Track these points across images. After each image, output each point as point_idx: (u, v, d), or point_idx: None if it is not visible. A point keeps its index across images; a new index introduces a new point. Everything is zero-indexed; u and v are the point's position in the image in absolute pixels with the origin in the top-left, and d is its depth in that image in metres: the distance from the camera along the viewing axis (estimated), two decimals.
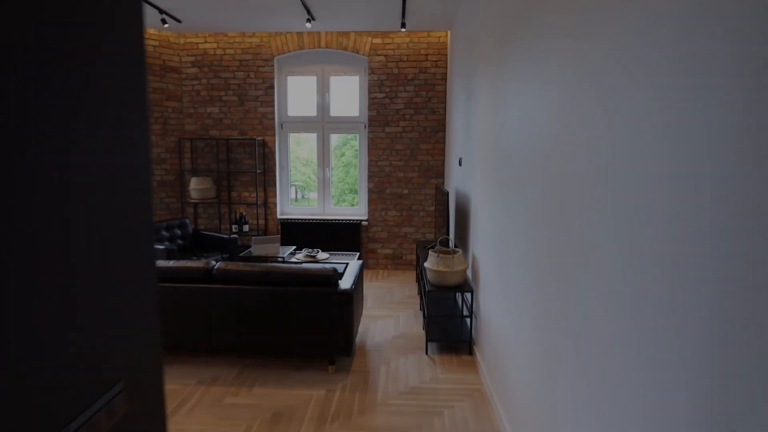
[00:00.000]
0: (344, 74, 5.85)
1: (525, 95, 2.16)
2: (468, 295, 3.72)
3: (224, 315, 3.15)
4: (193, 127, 5.93)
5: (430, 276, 3.47)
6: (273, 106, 5.81)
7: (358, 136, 5.95)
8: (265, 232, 6.00)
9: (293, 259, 4.68)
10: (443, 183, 5.76)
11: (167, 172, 5.85)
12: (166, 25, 4.98)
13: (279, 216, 5.99)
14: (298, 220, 5.88)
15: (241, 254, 4.76)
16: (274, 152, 5.88)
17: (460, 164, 4.39)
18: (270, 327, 3.13)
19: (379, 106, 5.71)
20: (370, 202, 5.88)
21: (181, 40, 5.77)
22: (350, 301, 3.07)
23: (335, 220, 5.86)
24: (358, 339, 3.77)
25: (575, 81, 1.54)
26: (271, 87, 5.78)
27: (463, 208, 4.12)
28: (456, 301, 4.07)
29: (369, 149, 5.81)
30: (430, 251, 3.52)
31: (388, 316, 4.30)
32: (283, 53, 5.71)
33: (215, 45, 5.75)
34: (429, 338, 3.47)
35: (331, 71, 5.84)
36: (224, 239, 5.07)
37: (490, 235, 2.98)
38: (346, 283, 3.20)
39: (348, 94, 5.92)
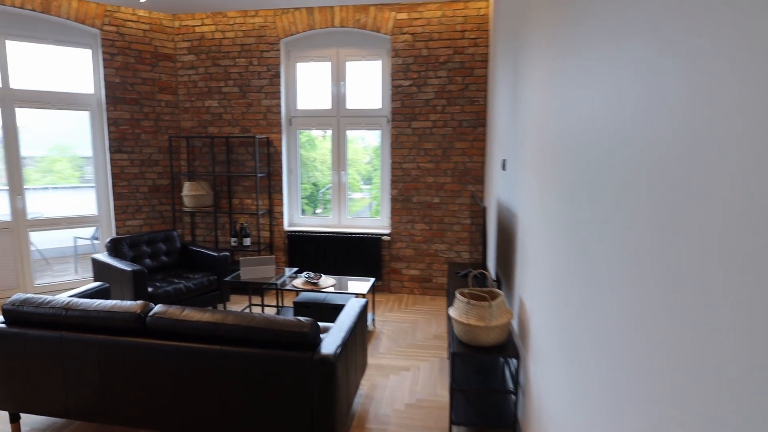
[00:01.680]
0: (363, 58, 4.86)
1: (626, 68, 1.08)
2: (513, 361, 2.63)
3: (160, 381, 2.24)
4: (189, 124, 5.13)
5: (457, 330, 2.41)
6: (279, 98, 4.91)
7: (380, 132, 4.95)
8: (270, 248, 5.11)
9: (290, 286, 3.74)
10: (483, 191, 4.65)
11: (160, 176, 5.08)
12: (142, 0, 4.17)
13: (286, 228, 5.08)
14: (309, 233, 4.95)
15: (228, 278, 3.87)
16: (281, 152, 4.97)
17: (503, 168, 3.30)
18: (221, 403, 2.18)
19: (405, 96, 4.68)
20: (394, 212, 4.86)
21: (176, 24, 4.98)
22: (332, 373, 2.07)
23: (352, 234, 4.88)
24: (358, 405, 2.76)
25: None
26: (277, 75, 4.88)
27: (508, 229, 3.02)
28: (494, 368, 2.97)
29: (392, 148, 4.79)
30: (457, 294, 2.46)
31: (404, 367, 3.26)
32: (291, 35, 4.79)
33: (213, 28, 4.92)
34: (454, 420, 2.41)
35: (348, 55, 4.86)
36: (213, 257, 4.21)
37: (547, 275, 1.89)
38: (330, 343, 2.20)
39: (367, 83, 4.93)
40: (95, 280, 4.03)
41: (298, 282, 3.79)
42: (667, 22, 0.90)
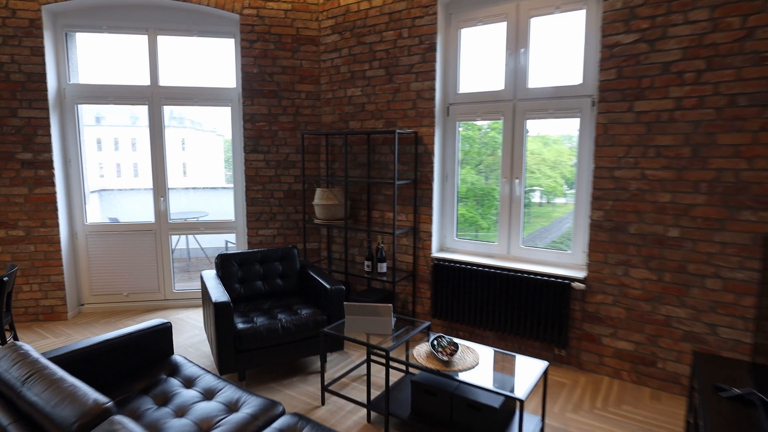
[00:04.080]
0: (556, 9, 3.21)
1: None
2: None
3: None
4: (330, 118, 4.28)
5: None
6: (434, 79, 3.63)
7: (578, 120, 3.22)
8: (413, 278, 3.89)
9: (408, 355, 2.43)
10: None
11: (297, 179, 4.36)
12: None
13: (434, 254, 3.78)
14: (463, 265, 3.56)
15: (328, 327, 2.76)
16: (432, 152, 3.70)
17: None
18: None
19: (624, 61, 2.88)
20: (594, 246, 3.09)
21: None
22: None
23: (525, 272, 3.30)
24: None
25: None
26: (432, 49, 3.61)
27: None
28: None
29: (597, 145, 3.03)
30: None
31: None
32: None
33: None
34: None
35: (533, 8, 3.29)
36: (325, 290, 3.18)
37: None
38: None
39: (561, 48, 3.26)
40: (203, 301, 3.44)
41: (421, 351, 2.45)
42: None
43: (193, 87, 4.23)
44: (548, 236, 3.79)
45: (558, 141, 3.72)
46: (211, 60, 4.40)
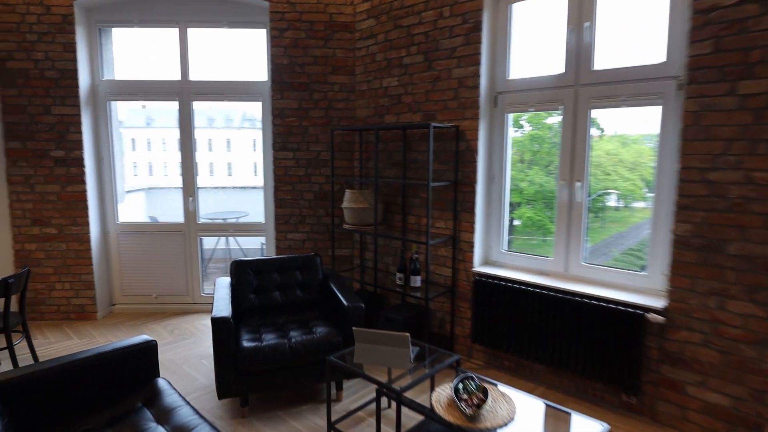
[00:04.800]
0: None
1: None
2: None
3: None
4: (364, 112, 3.87)
5: None
6: (479, 64, 3.11)
7: (660, 109, 2.56)
8: (451, 294, 3.38)
9: (425, 399, 1.95)
10: None
11: (329, 179, 4.00)
12: None
13: (476, 268, 3.25)
14: (510, 283, 3.01)
15: (335, 355, 2.34)
16: (476, 149, 3.17)
17: None
18: None
19: (724, 30, 2.20)
20: (678, 267, 2.42)
21: None
22: None
23: (585, 297, 2.69)
24: None
25: None
26: (477, 28, 3.09)
27: None
28: None
29: (683, 139, 2.37)
30: None
31: None
32: None
33: None
34: None
35: None
36: (342, 306, 2.77)
37: None
38: None
39: (637, 17, 2.62)
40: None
41: (442, 396, 1.96)
42: None
43: (223, 81, 4.01)
44: (624, 243, 3.19)
45: (638, 141, 3.07)
46: (243, 53, 4.16)
